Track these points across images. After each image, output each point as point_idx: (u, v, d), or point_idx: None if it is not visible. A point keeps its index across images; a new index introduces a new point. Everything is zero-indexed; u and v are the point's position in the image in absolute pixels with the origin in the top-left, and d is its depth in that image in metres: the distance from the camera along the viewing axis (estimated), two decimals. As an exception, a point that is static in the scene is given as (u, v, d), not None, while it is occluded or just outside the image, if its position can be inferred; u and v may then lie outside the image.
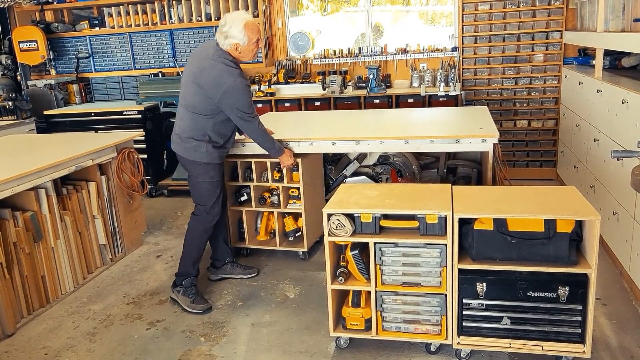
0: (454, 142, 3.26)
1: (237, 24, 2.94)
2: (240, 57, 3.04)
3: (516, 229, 2.30)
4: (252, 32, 2.98)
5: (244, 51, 3.02)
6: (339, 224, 2.39)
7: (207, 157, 3.15)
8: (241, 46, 2.98)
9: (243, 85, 3.00)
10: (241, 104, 3.01)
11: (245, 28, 2.95)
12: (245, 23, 2.95)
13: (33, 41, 5.93)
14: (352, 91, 5.50)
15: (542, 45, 5.12)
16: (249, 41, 2.98)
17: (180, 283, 3.23)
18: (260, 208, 3.71)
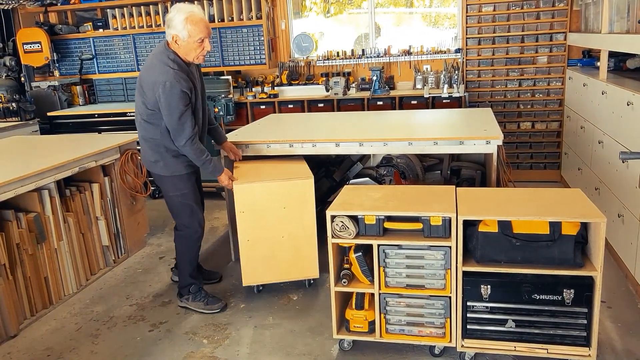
0: (458, 144, 3.25)
1: (180, 14, 2.69)
2: (182, 53, 2.78)
3: (521, 231, 2.28)
4: (194, 27, 2.69)
5: (183, 47, 2.75)
6: (342, 226, 2.38)
7: (168, 169, 2.97)
8: (180, 39, 2.72)
9: (173, 90, 2.68)
10: (168, 110, 2.71)
11: (187, 21, 2.67)
12: (188, 15, 2.68)
13: (37, 43, 5.94)
14: (356, 93, 5.50)
15: (546, 47, 5.11)
16: (189, 37, 2.70)
17: (187, 292, 3.18)
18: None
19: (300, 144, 3.47)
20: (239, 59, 5.72)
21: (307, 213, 3.09)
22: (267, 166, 3.38)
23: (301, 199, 3.07)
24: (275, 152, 3.54)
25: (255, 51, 5.67)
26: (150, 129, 2.91)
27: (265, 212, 3.08)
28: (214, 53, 5.76)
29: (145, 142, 3.00)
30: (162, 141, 2.92)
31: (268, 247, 3.13)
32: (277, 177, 3.10)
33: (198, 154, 2.88)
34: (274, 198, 3.06)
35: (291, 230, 3.11)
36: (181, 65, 2.78)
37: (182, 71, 2.76)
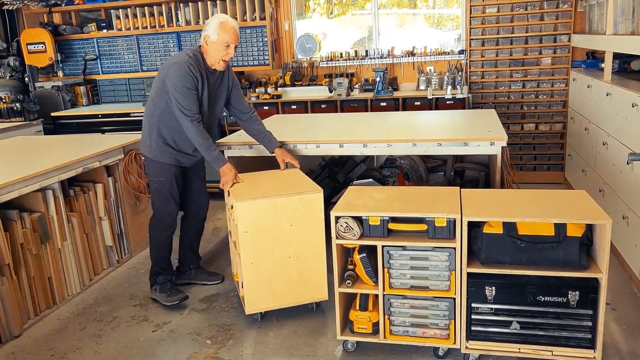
0: (462, 145, 3.24)
1: (215, 19, 2.98)
2: (208, 52, 3.00)
3: (526, 233, 2.28)
4: (224, 31, 2.95)
5: (211, 46, 2.97)
6: (346, 227, 2.38)
7: (151, 152, 3.13)
8: (210, 40, 2.96)
9: (182, 69, 2.90)
10: (175, 87, 2.90)
11: (220, 25, 2.95)
12: (222, 21, 2.96)
13: (41, 43, 5.96)
14: (359, 94, 5.50)
15: (550, 48, 5.10)
16: (218, 39, 2.94)
17: (154, 282, 3.30)
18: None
19: (304, 145, 3.47)
20: (242, 60, 5.73)
21: (316, 230, 2.87)
22: (267, 179, 3.16)
23: (310, 215, 2.84)
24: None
25: (258, 52, 5.67)
26: (153, 109, 3.10)
27: (271, 231, 2.83)
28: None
29: (145, 123, 3.17)
30: (157, 123, 3.10)
31: (273, 270, 2.88)
32: (284, 191, 2.85)
33: (203, 135, 2.98)
34: (280, 215, 2.82)
35: (299, 250, 2.88)
36: (199, 60, 2.98)
37: (197, 64, 2.96)
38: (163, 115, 3.07)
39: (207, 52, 3.00)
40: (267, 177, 3.21)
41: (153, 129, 3.12)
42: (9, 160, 3.62)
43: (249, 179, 3.16)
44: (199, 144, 2.99)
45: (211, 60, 3.01)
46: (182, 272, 3.54)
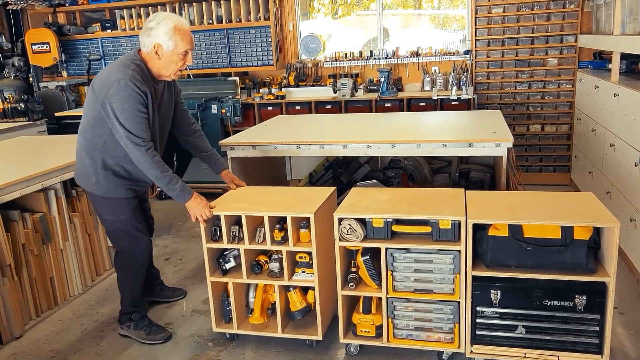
0: (467, 146, 3.20)
1: (166, 22, 2.40)
2: (158, 66, 2.49)
3: (532, 236, 2.24)
4: (182, 38, 2.42)
5: (165, 58, 2.45)
6: (350, 229, 2.35)
7: (101, 189, 2.62)
8: (163, 50, 2.42)
9: (127, 90, 2.35)
10: (121, 112, 2.37)
11: (175, 30, 2.40)
12: (176, 25, 2.41)
13: (45, 43, 5.96)
14: (363, 94, 5.47)
15: (557, 49, 5.05)
16: (175, 47, 2.42)
17: (128, 320, 2.90)
18: (255, 279, 2.68)
19: (307, 146, 3.44)
20: (246, 60, 5.71)
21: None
22: (261, 193, 2.84)
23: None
24: (282, 153, 3.51)
25: (262, 52, 5.65)
26: (92, 137, 2.57)
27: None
28: (221, 54, 5.76)
29: (82, 155, 2.66)
30: (101, 154, 2.57)
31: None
32: (279, 209, 2.55)
33: (160, 166, 2.46)
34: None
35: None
36: (144, 72, 2.47)
37: (143, 77, 2.44)
38: (108, 144, 2.54)
39: (155, 63, 2.47)
40: (263, 192, 2.86)
41: (96, 161, 2.59)
42: (11, 160, 3.61)
43: (241, 194, 2.85)
44: (157, 178, 2.48)
45: (163, 72, 2.51)
46: (147, 290, 3.11)
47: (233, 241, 2.61)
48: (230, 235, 2.61)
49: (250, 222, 2.58)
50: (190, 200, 2.55)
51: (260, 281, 2.68)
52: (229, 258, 2.68)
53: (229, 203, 2.70)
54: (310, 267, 2.55)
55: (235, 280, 2.68)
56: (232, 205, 2.65)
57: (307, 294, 2.71)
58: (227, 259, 2.68)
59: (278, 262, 2.63)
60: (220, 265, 2.69)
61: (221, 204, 2.68)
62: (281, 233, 2.54)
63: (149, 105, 2.47)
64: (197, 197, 2.58)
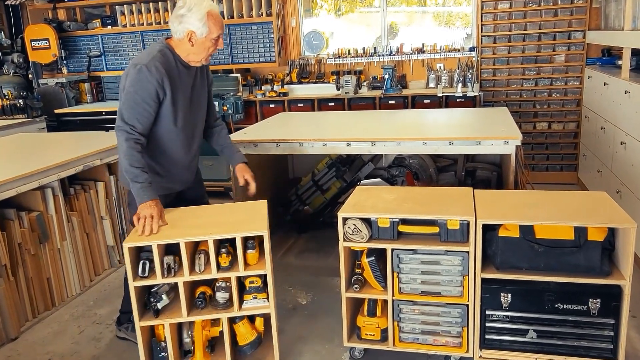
0: (475, 144, 3.12)
1: (199, 8, 2.31)
2: (189, 52, 2.38)
3: (544, 237, 2.16)
4: (214, 23, 2.34)
5: (198, 45, 2.35)
6: (354, 229, 2.27)
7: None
8: (197, 37, 2.32)
9: (142, 76, 2.26)
10: (128, 93, 2.29)
11: (208, 16, 2.31)
12: (209, 11, 2.32)
13: (45, 40, 5.89)
14: (367, 92, 5.39)
15: (564, 45, 4.95)
16: (208, 33, 2.33)
17: (126, 320, 2.79)
18: (199, 315, 2.30)
19: (310, 143, 3.36)
20: (248, 57, 5.63)
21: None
22: (187, 215, 2.44)
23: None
24: (285, 151, 3.44)
25: (265, 49, 5.57)
26: None
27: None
28: (223, 50, 5.66)
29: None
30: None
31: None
32: (225, 230, 2.26)
33: (133, 158, 2.29)
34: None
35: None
36: (167, 59, 2.35)
37: (165, 65, 2.33)
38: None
39: (186, 49, 2.37)
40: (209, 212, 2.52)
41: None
42: (8, 157, 3.54)
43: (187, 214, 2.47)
44: (126, 169, 2.31)
45: (193, 57, 2.41)
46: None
47: (169, 274, 2.21)
48: (164, 268, 2.21)
49: (187, 249, 2.21)
50: (145, 203, 2.27)
51: (205, 316, 2.29)
52: (161, 295, 2.26)
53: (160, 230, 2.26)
54: (262, 291, 2.30)
55: (172, 320, 2.27)
56: (165, 233, 2.23)
57: (255, 323, 2.42)
58: (159, 297, 2.25)
59: (227, 291, 2.28)
60: (151, 305, 2.26)
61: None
62: (228, 257, 2.23)
63: (166, 94, 2.34)
64: (156, 204, 2.29)
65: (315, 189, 4.12)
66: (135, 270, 2.23)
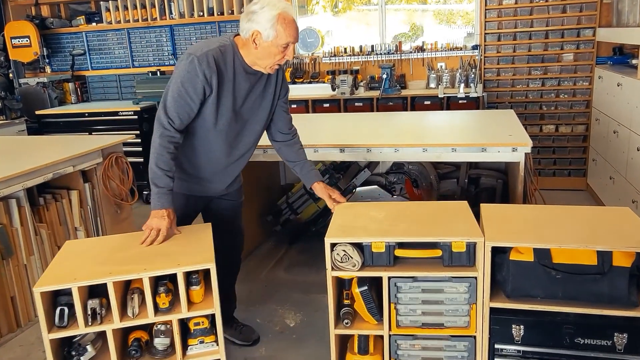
0: (480, 151, 2.85)
1: (271, 8, 2.05)
2: (254, 56, 2.13)
3: (562, 261, 1.88)
4: (285, 28, 2.06)
5: (262, 49, 2.09)
6: (344, 256, 1.97)
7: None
8: (262, 39, 2.07)
9: (193, 67, 2.05)
10: (174, 83, 2.11)
11: (279, 18, 2.05)
12: (281, 12, 2.06)
13: (25, 37, 5.61)
14: (364, 92, 5.12)
15: (573, 44, 4.68)
16: (275, 38, 2.06)
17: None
18: None
19: (300, 149, 3.08)
20: (239, 55, 5.34)
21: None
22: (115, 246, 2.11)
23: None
24: (273, 157, 3.15)
25: (256, 47, 5.28)
26: None
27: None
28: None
29: None
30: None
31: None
32: (162, 264, 1.90)
33: (159, 158, 2.10)
34: None
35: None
36: (225, 56, 2.12)
37: (221, 60, 2.11)
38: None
39: (251, 51, 2.13)
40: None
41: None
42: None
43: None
44: (150, 166, 2.12)
45: (258, 62, 2.16)
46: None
47: (94, 321, 1.84)
48: (88, 315, 1.83)
49: (116, 290, 1.84)
50: (158, 211, 2.09)
51: None
52: (84, 347, 1.89)
53: (81, 266, 1.89)
54: (210, 333, 1.96)
55: None
56: (89, 270, 1.85)
57: None
58: (82, 349, 1.89)
59: (167, 336, 1.93)
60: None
61: (64, 272, 1.87)
62: (168, 297, 1.88)
63: (212, 93, 2.13)
64: (168, 214, 2.10)
65: (308, 197, 3.85)
66: (51, 319, 1.83)
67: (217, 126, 2.21)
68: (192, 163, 2.30)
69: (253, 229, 3.88)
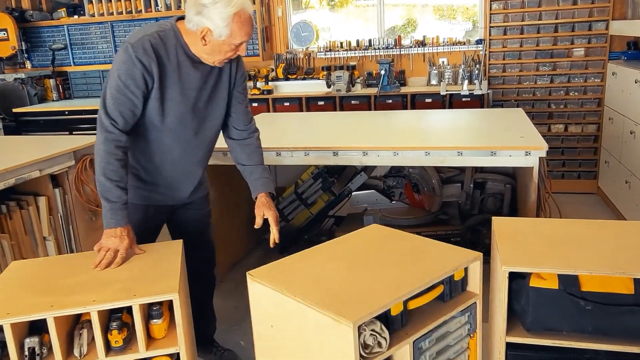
0: (489, 155, 2.57)
1: (226, 5, 1.78)
2: (200, 50, 1.89)
3: (592, 289, 1.59)
4: (241, 28, 1.81)
5: (212, 46, 1.85)
6: (374, 338, 1.38)
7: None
8: (213, 37, 1.82)
9: (128, 56, 1.78)
10: (110, 77, 1.84)
11: (234, 18, 1.79)
12: (238, 12, 1.79)
13: (2, 30, 5.30)
14: (361, 89, 4.85)
15: (584, 38, 4.39)
16: (229, 37, 1.81)
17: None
18: None
19: (289, 153, 2.79)
20: (229, 50, 5.04)
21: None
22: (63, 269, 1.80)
23: None
24: (260, 161, 2.86)
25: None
26: None
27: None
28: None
29: None
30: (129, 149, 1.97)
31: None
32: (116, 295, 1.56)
33: (107, 166, 1.80)
34: None
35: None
36: (165, 43, 1.85)
37: (157, 52, 1.83)
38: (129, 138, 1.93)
39: (198, 44, 1.87)
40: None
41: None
42: None
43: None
44: (97, 178, 1.83)
45: (205, 57, 1.91)
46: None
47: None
48: (25, 356, 1.52)
49: (60, 325, 1.53)
50: (114, 230, 1.81)
51: None
52: None
53: (19, 296, 1.57)
54: None
55: None
56: (27, 301, 1.53)
57: None
58: None
59: None
60: None
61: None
62: (122, 333, 1.57)
63: (154, 84, 1.85)
64: (127, 232, 1.82)
65: (299, 203, 3.56)
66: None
67: (166, 124, 1.93)
68: (146, 169, 2.02)
69: (240, 237, 3.60)
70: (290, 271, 1.59)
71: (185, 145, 2.01)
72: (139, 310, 1.53)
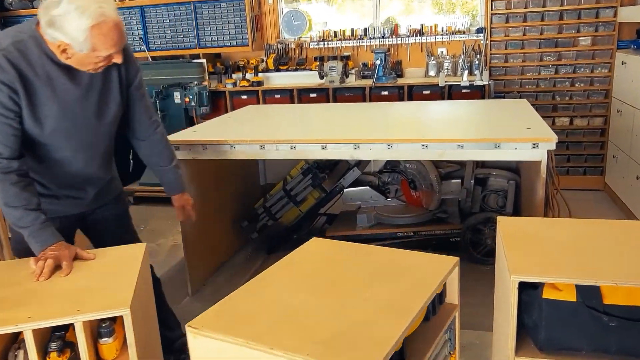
0: (492, 148, 2.34)
1: (79, 17, 1.53)
2: (70, 62, 1.65)
3: (616, 302, 1.36)
4: (104, 41, 1.60)
5: (77, 59, 1.63)
6: None
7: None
8: (74, 51, 1.60)
9: None
10: None
11: (92, 31, 1.55)
12: (97, 23, 1.55)
13: (-20, 19, 5.05)
14: (355, 80, 4.63)
15: (591, 26, 4.15)
16: (93, 51, 1.61)
17: None
18: None
19: (274, 146, 2.56)
20: (217, 40, 4.81)
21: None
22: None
23: None
24: (242, 155, 2.63)
25: (236, 30, 4.76)
26: None
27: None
28: (188, 33, 4.86)
29: None
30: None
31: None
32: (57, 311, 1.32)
33: (9, 194, 1.62)
34: None
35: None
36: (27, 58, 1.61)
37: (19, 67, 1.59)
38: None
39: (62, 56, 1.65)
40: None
41: None
42: None
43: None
44: (4, 210, 1.65)
45: (76, 66, 1.69)
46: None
47: None
48: None
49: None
50: (50, 248, 1.59)
51: None
52: None
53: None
54: None
55: None
56: None
57: None
58: None
59: None
60: None
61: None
62: (63, 355, 1.34)
63: (23, 104, 1.62)
64: (64, 245, 1.62)
65: (288, 201, 3.32)
66: None
67: (51, 141, 1.73)
68: (42, 183, 1.81)
69: (226, 237, 3.37)
70: (245, 312, 1.23)
71: (80, 156, 1.82)
72: (82, 329, 1.29)
